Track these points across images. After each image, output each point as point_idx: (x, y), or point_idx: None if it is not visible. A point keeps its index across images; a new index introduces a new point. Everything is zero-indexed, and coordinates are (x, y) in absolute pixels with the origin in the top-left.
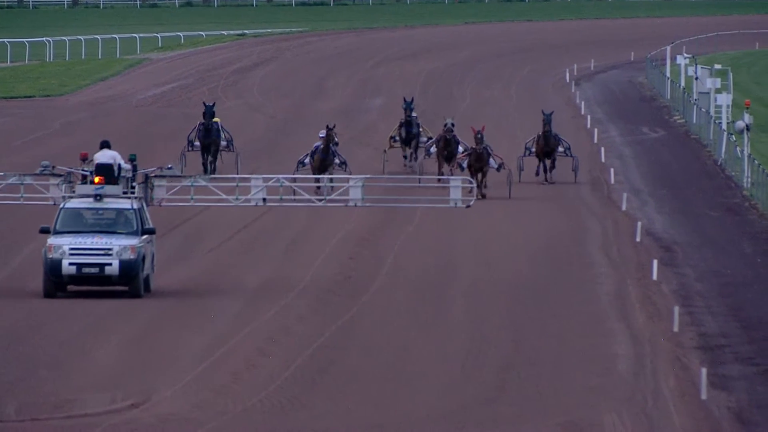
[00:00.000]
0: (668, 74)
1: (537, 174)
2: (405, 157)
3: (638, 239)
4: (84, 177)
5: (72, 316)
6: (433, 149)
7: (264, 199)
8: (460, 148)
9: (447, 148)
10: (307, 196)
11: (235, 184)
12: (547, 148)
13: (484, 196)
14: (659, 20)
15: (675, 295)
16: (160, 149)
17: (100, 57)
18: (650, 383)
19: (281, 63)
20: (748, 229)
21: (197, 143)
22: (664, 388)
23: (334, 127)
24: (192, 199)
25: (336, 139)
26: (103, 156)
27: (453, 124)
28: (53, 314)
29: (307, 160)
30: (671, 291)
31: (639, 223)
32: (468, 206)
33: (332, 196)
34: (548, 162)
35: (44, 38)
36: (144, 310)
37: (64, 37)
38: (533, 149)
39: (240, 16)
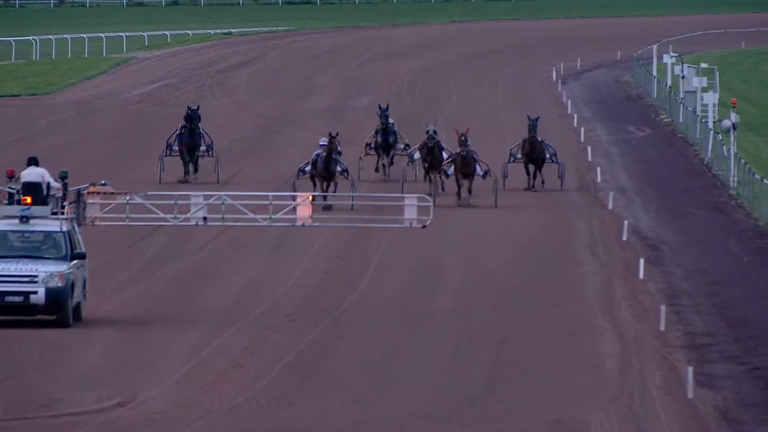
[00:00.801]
0: (655, 73)
1: (527, 187)
2: (383, 164)
3: (625, 238)
4: (11, 196)
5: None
6: (417, 156)
7: (204, 218)
8: (445, 155)
9: (429, 156)
10: (250, 215)
11: (173, 201)
12: (533, 154)
13: (472, 206)
14: (646, 19)
15: (661, 294)
16: (147, 148)
17: (86, 56)
18: (637, 382)
19: (268, 62)
20: (734, 228)
21: (176, 147)
22: (651, 386)
23: (336, 135)
24: (127, 218)
25: (339, 148)
26: (31, 174)
27: (435, 131)
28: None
29: (307, 168)
30: (658, 290)
31: (625, 222)
32: (424, 226)
33: (278, 215)
34: (533, 169)
35: (30, 37)
36: (131, 310)
37: (50, 36)
38: (518, 155)
39: (226, 15)
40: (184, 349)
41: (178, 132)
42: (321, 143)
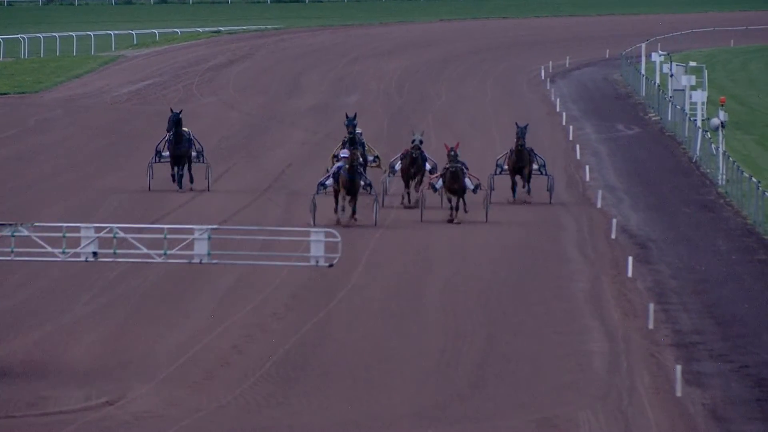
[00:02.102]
0: (643, 71)
1: (512, 197)
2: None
3: (613, 236)
4: None
5: (46, 315)
6: (398, 166)
7: (95, 253)
8: (428, 166)
9: (413, 166)
10: (144, 251)
11: (61, 234)
12: (520, 164)
13: (458, 222)
14: (634, 17)
15: (650, 292)
16: (135, 146)
17: (74, 54)
18: (625, 380)
19: (256, 60)
20: (722, 226)
21: (166, 153)
22: (639, 385)
23: (359, 147)
24: (12, 251)
25: (361, 160)
26: None
27: (421, 141)
28: (26, 313)
29: (328, 182)
30: (646, 288)
31: (614, 220)
32: (331, 265)
33: (174, 251)
34: (520, 180)
35: (19, 35)
36: (119, 309)
37: (38, 34)
38: (505, 166)
39: (215, 14)
40: (173, 348)
41: (166, 138)
42: (342, 155)
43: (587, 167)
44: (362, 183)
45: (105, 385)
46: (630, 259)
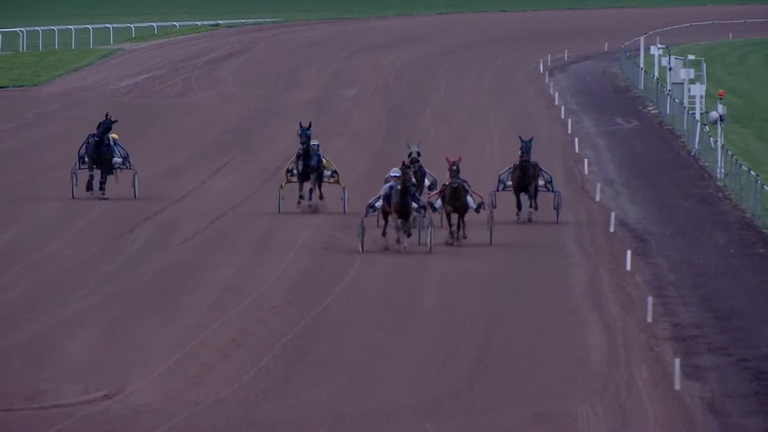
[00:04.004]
0: (642, 65)
1: (517, 216)
2: (301, 196)
3: (612, 230)
4: None
5: (43, 309)
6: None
7: None
8: (426, 181)
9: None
10: None
11: None
12: (524, 180)
13: (452, 244)
14: (633, 11)
15: (648, 285)
16: (135, 139)
17: (73, 47)
18: (624, 374)
19: (255, 53)
20: (721, 220)
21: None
22: (638, 378)
23: (411, 165)
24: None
25: (414, 180)
26: None
27: (419, 153)
28: (24, 307)
29: (378, 204)
30: (644, 281)
31: (612, 214)
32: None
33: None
34: (525, 197)
35: (17, 28)
36: (117, 302)
37: (37, 28)
38: (509, 182)
39: (213, 7)
40: (171, 341)
41: (85, 143)
42: (392, 174)
43: (586, 160)
44: (415, 206)
45: (103, 379)
46: (628, 252)
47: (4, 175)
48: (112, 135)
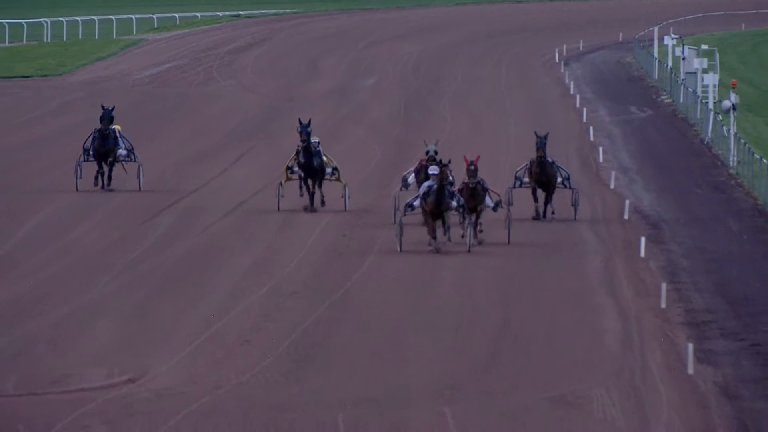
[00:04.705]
0: (656, 54)
1: (536, 216)
2: (303, 192)
3: (626, 217)
4: None
5: (67, 294)
6: (412, 179)
7: None
8: None
9: (427, 180)
10: None
11: None
12: (542, 177)
13: (474, 243)
14: (647, 1)
15: (662, 271)
16: (157, 127)
17: (97, 37)
18: (638, 358)
19: (275, 43)
20: (733, 207)
21: (93, 152)
22: (652, 363)
23: (449, 162)
24: None
25: (451, 178)
26: None
27: (436, 152)
28: (48, 293)
29: (416, 203)
30: (658, 267)
31: (627, 201)
32: None
33: None
34: (543, 195)
35: (42, 19)
36: (140, 287)
37: (61, 18)
38: (525, 179)
39: None
40: (193, 326)
41: (91, 136)
42: (431, 172)
43: (600, 149)
44: (454, 204)
45: (127, 363)
46: (642, 239)
47: (28, 162)
48: (116, 126)
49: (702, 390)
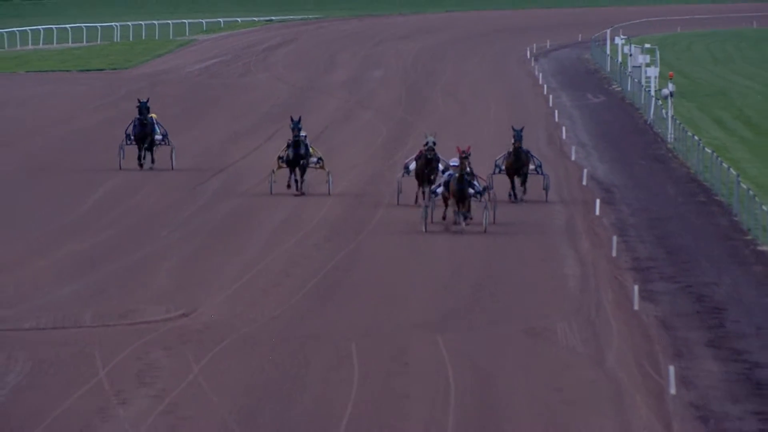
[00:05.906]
0: (608, 52)
1: (510, 197)
2: (295, 180)
3: (584, 183)
4: None
5: (134, 245)
6: (413, 167)
7: None
8: (440, 167)
9: (427, 167)
10: None
11: None
12: (517, 164)
13: (461, 231)
14: (602, 9)
15: (613, 227)
16: (206, 110)
17: (157, 38)
18: (593, 297)
19: (300, 43)
20: (671, 175)
21: (133, 137)
22: (605, 301)
23: (469, 155)
24: None
25: (469, 168)
26: None
27: (434, 142)
28: (118, 244)
29: (439, 190)
30: (610, 224)
31: (585, 170)
32: None
33: None
34: (518, 180)
35: (113, 23)
36: (192, 240)
37: (128, 23)
38: (503, 167)
39: (268, 6)
40: (235, 271)
41: (132, 123)
42: (452, 164)
43: (563, 128)
44: (472, 191)
45: (181, 301)
46: (597, 201)
47: (100, 140)
48: (153, 115)
49: (645, 323)
